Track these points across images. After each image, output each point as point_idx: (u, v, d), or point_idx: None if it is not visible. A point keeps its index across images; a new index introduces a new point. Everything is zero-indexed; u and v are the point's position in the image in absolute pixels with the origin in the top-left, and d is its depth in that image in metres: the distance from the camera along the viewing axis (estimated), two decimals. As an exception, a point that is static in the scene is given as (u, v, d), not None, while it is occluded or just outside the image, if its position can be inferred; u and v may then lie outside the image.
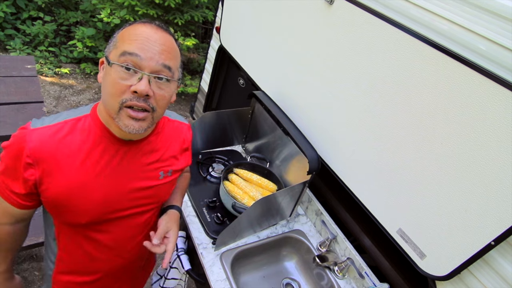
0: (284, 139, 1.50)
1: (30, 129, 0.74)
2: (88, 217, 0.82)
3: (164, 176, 0.92)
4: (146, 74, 0.70)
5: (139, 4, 3.22)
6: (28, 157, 0.73)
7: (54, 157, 0.75)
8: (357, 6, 1.08)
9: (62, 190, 0.77)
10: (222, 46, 1.97)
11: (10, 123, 1.93)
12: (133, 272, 1.06)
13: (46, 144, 0.74)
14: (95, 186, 0.79)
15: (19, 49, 3.61)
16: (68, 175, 0.76)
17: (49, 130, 0.75)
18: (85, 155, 0.77)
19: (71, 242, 0.88)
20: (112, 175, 0.81)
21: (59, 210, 0.80)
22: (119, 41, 0.72)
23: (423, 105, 0.95)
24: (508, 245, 0.82)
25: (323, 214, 1.43)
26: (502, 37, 0.77)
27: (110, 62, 0.71)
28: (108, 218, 0.85)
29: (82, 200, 0.79)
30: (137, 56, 0.69)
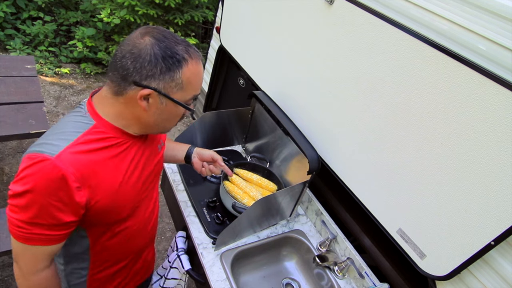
0: (284, 139, 1.50)
1: (54, 158, 0.70)
2: (129, 207, 0.89)
3: (161, 147, 1.03)
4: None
5: (139, 4, 3.22)
6: (75, 182, 0.72)
7: (93, 171, 0.76)
8: (357, 6, 1.08)
9: (109, 197, 0.81)
10: (222, 46, 1.97)
11: (10, 123, 1.93)
12: (152, 241, 1.16)
13: (82, 163, 0.74)
14: (130, 181, 0.86)
15: (19, 49, 3.61)
16: (109, 182, 0.80)
17: (74, 150, 0.73)
18: (116, 160, 0.81)
19: (105, 242, 0.92)
20: (140, 166, 0.90)
21: (105, 215, 0.84)
22: (185, 85, 0.78)
23: (423, 105, 0.95)
24: (508, 245, 0.82)
25: (323, 214, 1.43)
26: (502, 37, 0.77)
27: (185, 107, 0.81)
28: (139, 201, 0.94)
29: (126, 197, 0.86)
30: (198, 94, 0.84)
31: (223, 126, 1.70)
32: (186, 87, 0.78)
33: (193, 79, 0.79)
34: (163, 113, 0.80)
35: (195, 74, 0.79)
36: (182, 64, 0.75)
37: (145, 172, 0.92)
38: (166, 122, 0.84)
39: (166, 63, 0.73)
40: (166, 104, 0.78)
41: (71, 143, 0.74)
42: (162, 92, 0.75)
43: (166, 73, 0.74)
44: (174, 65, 0.74)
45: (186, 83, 0.77)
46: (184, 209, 1.39)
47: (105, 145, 0.79)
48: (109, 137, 0.79)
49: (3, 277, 1.90)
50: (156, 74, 0.73)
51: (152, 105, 0.77)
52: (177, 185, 1.50)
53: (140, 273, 1.15)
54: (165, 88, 0.76)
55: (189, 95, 0.80)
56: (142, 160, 0.90)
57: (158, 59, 0.72)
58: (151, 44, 0.72)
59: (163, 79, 0.74)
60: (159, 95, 0.76)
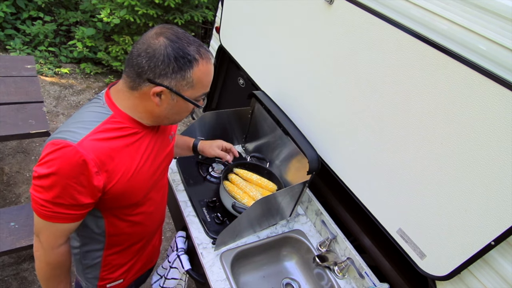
0: (284, 139, 1.50)
1: (75, 144, 0.76)
2: (143, 192, 0.95)
3: (172, 138, 1.09)
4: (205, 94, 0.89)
5: (139, 4, 3.22)
6: (94, 167, 0.78)
7: (111, 158, 0.82)
8: (357, 6, 1.08)
9: (124, 182, 0.86)
10: (222, 46, 1.97)
11: (10, 123, 1.93)
12: (161, 225, 1.23)
13: (101, 150, 0.80)
14: (144, 168, 0.91)
15: (19, 49, 3.61)
16: (124, 169, 0.86)
17: (94, 138, 0.79)
18: (132, 147, 0.87)
19: (121, 223, 0.97)
20: (153, 155, 0.95)
21: (120, 199, 0.89)
22: (196, 84, 0.83)
23: (423, 105, 0.95)
24: (508, 245, 0.82)
25: (323, 214, 1.43)
26: (502, 37, 0.77)
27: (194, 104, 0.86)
28: (152, 187, 0.99)
29: (139, 183, 0.91)
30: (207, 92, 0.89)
31: (223, 126, 1.70)
32: (196, 86, 0.83)
33: (203, 78, 0.84)
34: (173, 108, 0.86)
35: (205, 73, 0.84)
36: (193, 64, 0.80)
37: (157, 160, 0.98)
38: (176, 116, 0.90)
39: (178, 63, 0.78)
40: (177, 101, 0.84)
41: (91, 131, 0.80)
42: (174, 90, 0.81)
43: (178, 73, 0.80)
44: (185, 65, 0.79)
45: (196, 82, 0.83)
46: (184, 209, 1.39)
47: (122, 134, 0.85)
48: (125, 126, 0.86)
49: (3, 277, 1.90)
50: (168, 73, 0.79)
51: (164, 101, 0.83)
52: (177, 185, 1.50)
53: (150, 257, 1.23)
54: (177, 86, 0.81)
55: (199, 93, 0.86)
56: (155, 149, 0.96)
57: (170, 59, 0.78)
58: (164, 45, 0.78)
59: (175, 78, 0.80)
60: (171, 92, 0.82)
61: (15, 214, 1.82)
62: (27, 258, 2.01)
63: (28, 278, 1.92)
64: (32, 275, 1.94)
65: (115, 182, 0.84)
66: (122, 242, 1.03)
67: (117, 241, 1.02)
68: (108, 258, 1.04)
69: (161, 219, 1.18)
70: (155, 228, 1.15)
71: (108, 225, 0.96)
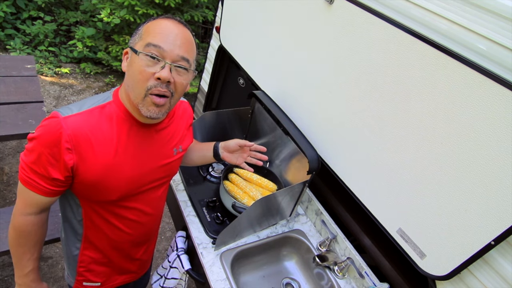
0: (284, 138, 1.50)
1: (62, 117, 0.79)
2: (118, 193, 0.91)
3: (177, 152, 1.04)
4: (168, 63, 0.80)
5: (139, 4, 3.22)
6: (67, 143, 0.79)
7: (88, 141, 0.81)
8: (357, 5, 1.08)
9: (97, 171, 0.84)
10: (222, 46, 1.97)
11: (10, 123, 1.93)
12: (149, 240, 1.18)
13: (81, 130, 0.80)
14: (124, 165, 0.88)
15: (19, 49, 3.61)
16: (102, 158, 0.84)
17: (80, 117, 0.81)
18: (115, 139, 0.86)
19: (98, 220, 0.95)
20: (138, 155, 0.91)
21: (92, 190, 0.87)
22: (144, 33, 0.82)
23: (423, 105, 0.94)
24: (508, 245, 0.82)
25: (323, 214, 1.43)
26: (503, 37, 0.77)
27: (137, 52, 0.80)
28: (133, 194, 0.95)
29: (114, 179, 0.88)
30: (160, 48, 0.79)
31: (223, 125, 1.70)
32: (144, 36, 0.82)
33: (152, 27, 0.82)
34: (129, 68, 0.83)
35: (156, 24, 0.82)
36: (148, 20, 0.84)
37: (146, 166, 0.95)
38: (131, 80, 0.82)
39: (141, 24, 0.85)
40: (131, 56, 0.83)
41: (82, 111, 0.82)
42: (130, 45, 0.84)
43: (136, 31, 0.85)
44: (143, 23, 0.85)
45: (144, 32, 0.82)
46: (184, 209, 1.40)
47: (110, 122, 0.85)
48: (117, 115, 0.86)
49: (3, 277, 1.90)
50: (132, 35, 0.86)
51: (127, 63, 0.84)
52: (177, 185, 1.50)
53: (135, 267, 1.17)
54: (131, 43, 0.84)
55: (145, 42, 0.80)
56: (146, 154, 0.93)
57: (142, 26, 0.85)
58: None
59: (133, 36, 0.85)
60: (129, 50, 0.84)
61: (15, 214, 1.82)
62: (27, 258, 2.01)
63: (28, 278, 1.92)
64: (32, 275, 1.94)
65: (87, 168, 0.83)
66: (99, 241, 1.01)
67: (94, 239, 0.99)
68: (84, 252, 1.02)
69: (148, 233, 1.12)
70: (140, 240, 1.10)
71: (86, 217, 0.95)
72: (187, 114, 1.11)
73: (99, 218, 0.96)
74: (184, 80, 0.86)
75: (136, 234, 1.06)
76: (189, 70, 0.86)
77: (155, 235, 1.22)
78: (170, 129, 1.01)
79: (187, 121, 1.10)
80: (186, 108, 1.12)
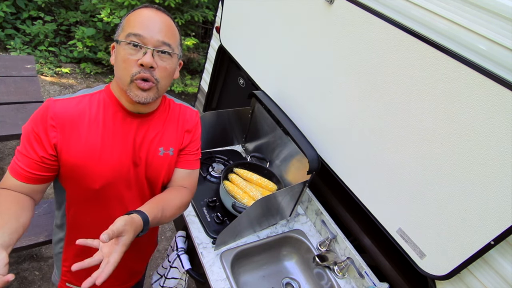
0: (284, 138, 1.50)
1: (53, 100, 0.84)
2: (101, 181, 0.90)
3: (164, 153, 0.99)
4: (149, 49, 0.82)
5: (139, 4, 3.22)
6: (52, 119, 0.82)
7: (74, 123, 0.84)
8: (357, 5, 1.08)
9: (81, 153, 0.85)
10: (222, 46, 1.97)
11: (10, 123, 1.93)
12: (138, 247, 1.13)
13: (68, 111, 0.84)
14: (108, 152, 0.88)
15: (19, 49, 3.61)
16: (86, 141, 0.85)
17: (70, 101, 0.86)
18: (101, 124, 0.87)
19: (81, 213, 0.95)
20: (122, 144, 0.91)
21: (75, 175, 0.87)
22: (125, 25, 0.84)
23: (423, 105, 0.95)
24: (508, 244, 0.82)
25: (323, 214, 1.43)
26: (503, 37, 0.77)
27: (118, 41, 0.83)
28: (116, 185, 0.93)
29: (97, 165, 0.87)
30: (140, 36, 0.81)
31: (223, 126, 1.70)
32: (125, 27, 0.84)
33: (131, 18, 0.84)
34: (115, 60, 0.86)
35: (135, 14, 0.84)
36: (129, 12, 0.86)
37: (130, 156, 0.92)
38: (118, 70, 0.86)
39: (123, 17, 0.87)
40: (116, 48, 0.86)
41: (74, 96, 0.87)
42: (115, 38, 0.86)
43: (119, 24, 0.87)
44: (126, 15, 0.87)
45: (125, 24, 0.85)
46: (184, 209, 1.39)
47: (98, 109, 0.88)
48: (105, 103, 0.89)
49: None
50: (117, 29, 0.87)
51: (114, 56, 0.87)
52: (177, 185, 1.50)
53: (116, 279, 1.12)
54: (116, 35, 0.87)
55: (126, 32, 0.83)
56: (130, 142, 0.92)
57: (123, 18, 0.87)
58: None
59: (117, 30, 0.87)
60: (116, 43, 0.86)
61: (15, 213, 1.82)
62: (27, 258, 2.01)
63: (28, 278, 1.92)
64: (32, 274, 1.94)
65: (71, 149, 0.84)
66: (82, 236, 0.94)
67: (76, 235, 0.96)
68: (68, 252, 1.02)
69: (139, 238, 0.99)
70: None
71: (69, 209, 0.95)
72: (186, 117, 1.04)
73: (81, 214, 0.95)
74: (167, 65, 0.86)
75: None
76: (172, 54, 0.87)
77: (148, 243, 1.18)
78: (159, 124, 0.97)
79: (184, 124, 1.03)
80: (187, 113, 1.05)
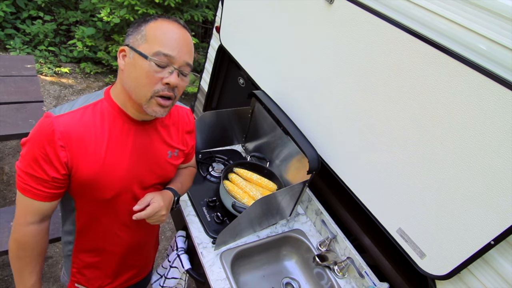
0: (284, 138, 1.50)
1: (54, 116, 0.80)
2: (112, 191, 0.90)
3: (172, 155, 1.02)
4: (176, 69, 0.83)
5: (138, 4, 3.22)
6: (60, 140, 0.79)
7: (81, 139, 0.82)
8: (357, 5, 1.08)
9: (91, 168, 0.84)
10: (222, 46, 1.97)
11: (10, 122, 1.93)
12: (145, 249, 1.16)
13: (73, 128, 0.81)
14: (118, 163, 0.88)
15: (19, 49, 3.60)
16: (94, 155, 0.84)
17: (72, 115, 0.82)
18: (108, 136, 0.86)
19: (92, 221, 0.95)
20: (131, 152, 0.91)
21: (87, 189, 0.87)
22: (150, 37, 0.81)
23: (423, 105, 0.95)
24: (508, 244, 0.82)
25: (323, 214, 1.43)
26: (503, 36, 0.77)
27: (147, 57, 0.80)
28: (128, 193, 0.94)
29: (109, 177, 0.87)
30: (170, 56, 0.81)
31: (223, 125, 1.70)
32: (151, 40, 0.81)
33: (159, 32, 0.82)
34: (132, 69, 0.82)
35: (162, 29, 0.82)
36: (149, 20, 0.83)
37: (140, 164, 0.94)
38: (136, 82, 0.82)
39: (138, 22, 0.84)
40: (133, 58, 0.82)
41: (75, 109, 0.83)
42: (130, 45, 0.83)
43: (135, 29, 0.83)
44: (143, 22, 0.84)
45: (150, 35, 0.81)
46: (184, 209, 1.40)
47: (102, 119, 0.85)
48: (108, 113, 0.86)
49: (3, 276, 1.90)
50: (129, 33, 0.84)
51: (126, 62, 0.83)
52: (177, 185, 1.50)
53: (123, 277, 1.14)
54: (133, 42, 0.83)
55: (154, 49, 0.80)
56: (136, 149, 0.92)
57: (135, 23, 0.85)
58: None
59: (132, 34, 0.84)
60: (130, 50, 0.82)
61: (15, 213, 1.82)
62: (27, 258, 2.01)
63: (28, 278, 1.92)
64: (32, 274, 1.94)
65: (81, 165, 0.83)
66: (89, 246, 1.00)
67: (85, 242, 0.99)
68: (77, 256, 1.02)
69: (143, 238, 1.10)
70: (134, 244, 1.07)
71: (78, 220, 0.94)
72: (185, 119, 1.08)
73: (90, 221, 0.95)
74: (185, 83, 0.89)
75: (130, 238, 1.04)
76: (189, 74, 0.90)
77: (151, 240, 1.20)
78: (164, 129, 1.00)
79: (185, 126, 1.07)
80: (185, 113, 1.08)
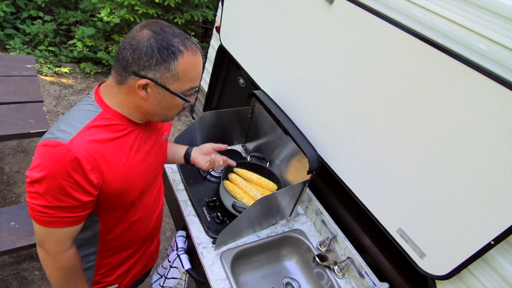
0: (284, 138, 1.50)
1: (67, 143, 0.75)
2: (136, 193, 0.93)
3: (166, 139, 1.07)
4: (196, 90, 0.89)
5: (138, 4, 3.22)
6: (87, 164, 0.77)
7: (102, 155, 0.81)
8: (357, 5, 1.08)
9: (117, 180, 0.85)
10: (222, 46, 1.97)
11: (10, 122, 1.93)
12: (157, 231, 1.20)
13: (92, 148, 0.78)
14: (137, 166, 0.90)
15: (19, 49, 3.60)
16: (117, 167, 0.84)
17: (84, 137, 0.78)
18: (122, 143, 0.86)
19: (114, 227, 0.96)
20: (145, 152, 0.93)
21: (114, 199, 0.88)
22: (182, 76, 0.81)
23: (423, 105, 0.95)
24: (508, 244, 0.82)
25: (323, 214, 1.43)
26: (503, 36, 0.77)
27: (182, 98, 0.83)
28: (145, 189, 0.98)
29: (132, 182, 0.90)
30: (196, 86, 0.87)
31: (223, 125, 1.70)
32: (183, 78, 0.81)
33: (190, 70, 0.81)
34: (161, 103, 0.84)
35: (192, 65, 0.82)
36: (177, 55, 0.78)
37: (149, 159, 0.96)
38: (165, 111, 0.87)
39: (162, 54, 0.77)
40: (163, 95, 0.82)
41: (82, 129, 0.79)
42: (159, 82, 0.79)
43: (161, 64, 0.78)
44: (169, 56, 0.77)
45: (182, 74, 0.80)
46: (184, 209, 1.40)
47: (112, 131, 0.84)
48: (115, 124, 0.85)
49: (3, 277, 1.90)
50: (152, 64, 0.77)
51: (151, 94, 0.82)
52: (177, 185, 1.50)
53: (146, 263, 1.21)
54: (161, 79, 0.79)
55: (186, 86, 0.83)
56: (146, 147, 0.95)
57: (154, 51, 0.76)
58: (148, 37, 0.77)
59: (159, 70, 0.78)
60: (156, 85, 0.80)
61: (15, 213, 1.82)
62: (27, 258, 2.01)
63: (28, 278, 1.92)
64: (32, 274, 1.94)
65: (109, 180, 0.82)
66: (116, 247, 1.02)
67: (109, 244, 1.00)
68: (101, 263, 1.02)
69: (155, 224, 1.15)
70: (149, 234, 1.12)
71: (102, 228, 0.94)
72: None
73: (117, 225, 0.96)
74: None
75: (147, 228, 1.09)
76: None
77: (160, 226, 1.25)
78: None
79: None
80: None
